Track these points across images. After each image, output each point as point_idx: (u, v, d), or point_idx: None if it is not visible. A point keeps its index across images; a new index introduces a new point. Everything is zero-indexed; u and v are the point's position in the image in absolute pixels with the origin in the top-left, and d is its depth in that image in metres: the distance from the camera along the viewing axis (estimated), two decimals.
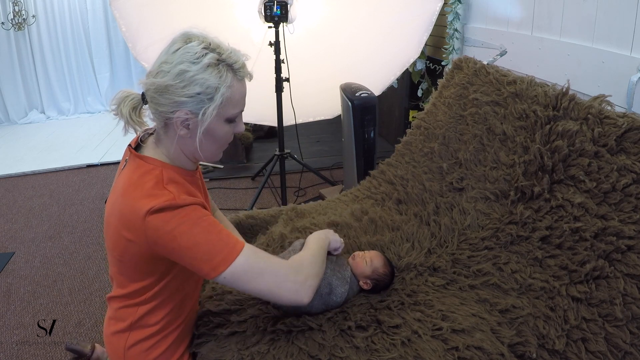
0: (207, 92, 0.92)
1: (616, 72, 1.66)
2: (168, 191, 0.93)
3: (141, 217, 0.89)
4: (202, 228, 0.91)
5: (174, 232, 0.89)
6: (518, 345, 1.09)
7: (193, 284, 1.13)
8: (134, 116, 0.98)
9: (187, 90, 0.91)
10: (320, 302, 1.14)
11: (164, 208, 0.89)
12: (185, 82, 0.91)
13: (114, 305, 1.10)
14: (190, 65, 0.91)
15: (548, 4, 2.02)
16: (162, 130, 1.00)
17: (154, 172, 0.97)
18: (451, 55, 2.79)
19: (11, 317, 2.11)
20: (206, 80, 0.91)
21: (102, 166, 3.97)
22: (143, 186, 0.94)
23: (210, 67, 0.92)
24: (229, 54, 0.95)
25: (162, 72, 0.93)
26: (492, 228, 1.39)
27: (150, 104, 0.97)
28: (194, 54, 0.92)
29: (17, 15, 5.09)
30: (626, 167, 1.19)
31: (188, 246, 0.90)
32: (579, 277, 1.17)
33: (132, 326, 1.06)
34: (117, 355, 1.10)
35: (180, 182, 1.00)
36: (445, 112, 1.79)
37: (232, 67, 0.95)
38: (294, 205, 1.76)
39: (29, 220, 3.05)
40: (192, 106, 0.93)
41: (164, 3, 2.63)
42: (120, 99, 0.98)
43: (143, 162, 0.99)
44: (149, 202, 0.90)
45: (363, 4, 2.87)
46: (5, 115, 5.38)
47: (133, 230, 0.92)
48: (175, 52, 0.93)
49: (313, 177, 3.43)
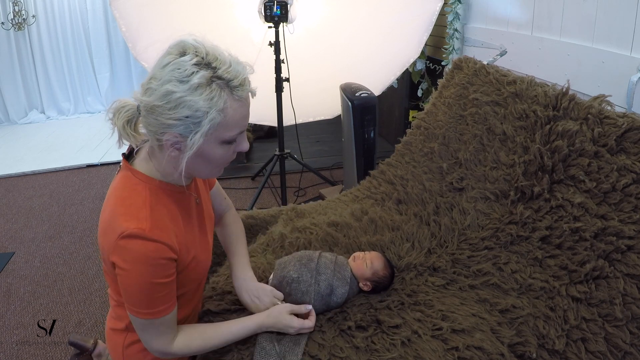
0: (196, 116, 0.83)
1: (616, 72, 1.66)
2: (144, 217, 0.89)
3: (115, 236, 0.88)
4: (144, 285, 0.90)
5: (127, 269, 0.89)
6: (518, 345, 1.09)
7: (192, 290, 1.11)
8: (128, 129, 0.90)
9: (173, 114, 0.83)
10: (322, 303, 1.14)
11: (133, 235, 0.87)
12: (172, 103, 0.83)
13: (112, 301, 1.12)
14: (178, 85, 0.82)
15: (548, 4, 2.02)
16: (155, 146, 0.93)
17: (140, 187, 0.93)
18: (451, 55, 2.79)
19: (11, 317, 2.11)
20: (195, 102, 0.82)
21: (102, 166, 3.97)
22: (126, 201, 0.92)
23: (200, 87, 0.82)
24: (226, 69, 0.84)
25: (150, 90, 0.85)
26: (492, 228, 1.39)
27: (142, 120, 0.90)
28: (183, 71, 0.82)
29: (17, 15, 5.09)
30: (626, 167, 1.19)
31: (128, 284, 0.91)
32: (578, 277, 1.17)
33: (128, 327, 1.07)
34: (116, 351, 1.12)
35: (165, 203, 0.96)
36: (445, 112, 1.79)
37: (229, 84, 0.85)
38: (294, 205, 1.76)
39: (29, 220, 3.05)
40: (181, 129, 0.85)
41: (164, 3, 2.63)
42: (116, 109, 0.90)
43: (132, 176, 0.95)
44: (125, 224, 0.87)
45: (363, 4, 2.87)
46: (5, 115, 5.38)
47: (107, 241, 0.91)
48: (165, 66, 0.84)
49: (313, 177, 3.43)
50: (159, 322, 0.95)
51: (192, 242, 1.03)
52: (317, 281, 1.15)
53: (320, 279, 1.15)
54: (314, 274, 1.16)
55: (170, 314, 0.97)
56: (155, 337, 0.97)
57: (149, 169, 0.96)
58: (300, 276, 1.16)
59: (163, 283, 0.92)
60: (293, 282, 1.15)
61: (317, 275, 1.16)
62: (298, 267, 1.18)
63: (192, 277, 1.05)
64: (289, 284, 1.15)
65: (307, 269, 1.17)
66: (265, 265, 1.34)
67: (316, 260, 1.20)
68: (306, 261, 1.20)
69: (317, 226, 1.53)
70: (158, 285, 0.91)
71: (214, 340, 1.03)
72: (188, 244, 1.00)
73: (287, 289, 1.15)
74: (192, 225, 1.05)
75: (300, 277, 1.15)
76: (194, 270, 1.04)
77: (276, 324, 1.06)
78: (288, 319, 1.06)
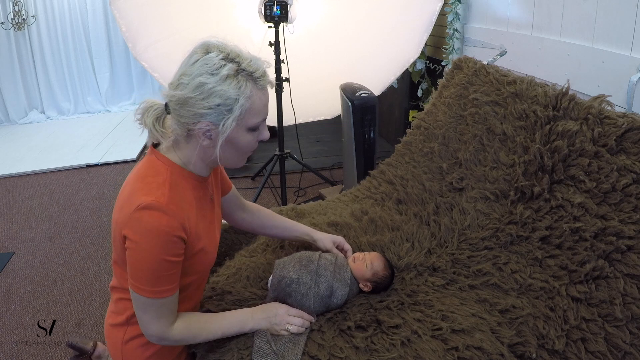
0: (227, 104, 0.93)
1: (616, 72, 1.66)
2: (162, 193, 0.95)
3: (132, 209, 0.93)
4: (153, 260, 0.94)
5: (138, 242, 0.93)
6: (518, 345, 1.09)
7: (194, 286, 1.13)
8: (157, 126, 0.99)
9: (206, 102, 0.92)
10: (321, 305, 1.14)
11: (149, 206, 0.92)
12: (205, 94, 0.92)
13: (114, 297, 1.14)
14: (209, 77, 0.92)
15: (548, 4, 2.02)
16: (182, 138, 1.00)
17: (162, 169, 1.00)
18: (451, 55, 2.79)
19: (11, 317, 2.11)
20: (225, 91, 0.92)
21: (102, 166, 3.97)
22: (147, 179, 0.98)
23: (229, 78, 0.92)
24: (248, 63, 0.95)
25: (181, 85, 0.94)
26: (492, 228, 1.39)
27: (172, 115, 0.98)
28: (212, 65, 0.92)
29: (17, 15, 5.09)
30: (626, 167, 1.19)
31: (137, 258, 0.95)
32: (578, 277, 1.17)
33: (129, 321, 1.09)
34: (115, 348, 1.13)
35: (183, 187, 1.01)
36: (445, 112, 1.79)
37: (252, 75, 0.95)
38: (294, 205, 1.76)
39: (29, 220, 3.05)
40: (213, 117, 0.94)
41: (164, 3, 2.63)
42: (145, 109, 1.00)
43: (155, 159, 1.02)
44: (143, 197, 0.93)
45: (363, 4, 2.87)
46: (5, 115, 5.38)
47: (123, 214, 0.95)
48: (194, 63, 0.93)
49: (313, 177, 3.43)
50: (161, 302, 0.97)
51: (203, 232, 1.06)
52: (317, 283, 1.14)
53: (320, 281, 1.15)
54: (314, 276, 1.15)
55: (173, 296, 0.99)
56: (155, 319, 0.99)
57: (172, 156, 1.03)
58: (299, 277, 1.15)
59: (171, 261, 0.95)
60: (292, 283, 1.15)
61: (317, 277, 1.15)
62: (298, 268, 1.17)
63: (197, 267, 1.07)
64: (289, 285, 1.15)
65: (306, 270, 1.17)
66: (265, 265, 1.34)
67: (316, 262, 1.20)
68: (306, 262, 1.19)
69: (317, 226, 1.53)
70: (166, 262, 0.95)
71: (210, 326, 1.06)
72: (199, 232, 1.03)
73: (287, 290, 1.15)
74: (205, 217, 1.08)
75: (300, 279, 1.15)
76: (200, 261, 1.06)
77: (267, 312, 1.10)
78: (281, 310, 1.10)
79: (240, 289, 1.25)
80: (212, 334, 1.06)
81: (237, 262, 1.39)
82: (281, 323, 1.08)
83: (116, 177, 3.72)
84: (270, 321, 1.09)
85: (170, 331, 1.01)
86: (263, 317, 1.09)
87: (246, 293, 1.23)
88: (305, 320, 1.11)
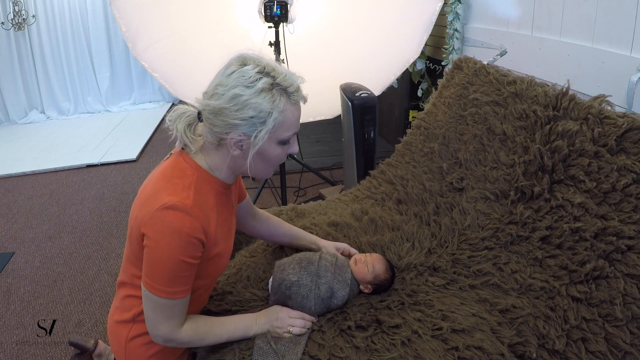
0: (260, 116, 0.94)
1: (616, 72, 1.66)
2: (188, 195, 0.96)
3: (155, 207, 0.94)
4: (171, 261, 0.95)
5: (158, 240, 0.94)
6: (518, 345, 1.09)
7: (203, 289, 1.13)
8: (188, 133, 1.01)
9: (240, 114, 0.94)
10: (322, 306, 1.14)
11: (173, 207, 0.93)
12: (239, 105, 0.94)
13: (121, 293, 1.14)
14: (244, 90, 0.93)
15: (548, 4, 2.02)
16: (213, 146, 1.02)
17: (189, 172, 1.01)
18: (451, 55, 2.79)
19: (11, 317, 2.11)
20: (259, 104, 0.94)
21: (102, 166, 3.97)
22: (173, 180, 0.99)
23: (264, 91, 0.94)
24: (283, 77, 0.97)
25: (216, 95, 0.95)
26: (492, 228, 1.39)
27: (205, 123, 1.00)
28: (248, 77, 0.94)
29: (17, 15, 5.09)
30: (626, 167, 1.19)
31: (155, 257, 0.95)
32: (579, 277, 1.17)
33: (135, 318, 1.10)
34: (118, 345, 1.13)
35: (207, 191, 1.02)
36: (445, 112, 1.79)
37: (287, 90, 0.97)
38: (294, 205, 1.76)
39: (29, 220, 3.05)
40: (246, 129, 0.95)
41: (164, 3, 2.63)
42: (177, 115, 1.02)
43: (183, 161, 1.03)
44: (168, 197, 0.94)
45: (363, 4, 2.87)
46: (5, 115, 5.38)
47: (144, 212, 0.96)
48: (231, 75, 0.95)
49: (313, 177, 3.43)
50: (173, 304, 0.98)
51: (221, 238, 1.07)
52: (317, 285, 1.14)
53: (320, 282, 1.15)
54: (314, 278, 1.15)
55: (185, 298, 1.00)
56: (165, 320, 0.99)
57: (200, 160, 1.04)
58: (299, 280, 1.15)
59: (188, 263, 0.96)
60: (293, 285, 1.14)
61: (317, 278, 1.15)
62: (297, 270, 1.17)
63: (210, 271, 1.08)
64: (289, 288, 1.14)
65: (306, 272, 1.16)
66: (265, 265, 1.34)
67: (316, 263, 1.19)
68: (306, 264, 1.19)
69: (317, 226, 1.53)
70: (183, 263, 0.95)
71: (217, 330, 1.07)
72: (218, 238, 1.05)
73: (287, 293, 1.14)
74: (224, 224, 1.09)
75: (300, 281, 1.15)
76: (214, 266, 1.08)
77: (269, 316, 1.11)
78: (282, 314, 1.11)
79: (240, 290, 1.25)
80: (218, 338, 1.07)
81: (237, 262, 1.39)
82: (283, 326, 1.09)
83: (116, 177, 3.73)
84: (272, 325, 1.10)
85: (179, 333, 1.02)
86: (265, 321, 1.11)
87: (247, 294, 1.24)
88: (307, 321, 1.11)
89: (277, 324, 1.09)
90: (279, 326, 1.09)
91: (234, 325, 1.09)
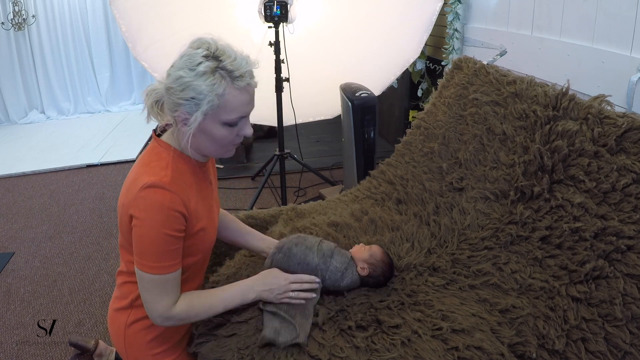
0: (199, 98, 0.99)
1: (616, 72, 1.66)
2: (165, 174, 1.02)
3: (137, 189, 0.99)
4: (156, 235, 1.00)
5: (143, 218, 1.00)
6: (518, 345, 1.09)
7: (197, 267, 1.18)
8: (155, 108, 1.09)
9: (183, 94, 0.99)
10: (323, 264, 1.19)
11: (153, 185, 0.99)
12: (183, 86, 0.99)
13: (119, 280, 1.19)
14: (187, 72, 0.98)
15: (548, 4, 2.02)
16: (173, 123, 1.08)
17: (164, 154, 1.07)
18: (451, 55, 2.79)
19: (11, 317, 2.11)
20: (198, 86, 0.98)
21: (102, 166, 3.97)
22: (151, 164, 1.05)
23: (205, 74, 0.98)
24: (231, 62, 0.99)
25: (168, 75, 1.02)
26: (492, 228, 1.39)
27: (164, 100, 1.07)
28: (193, 60, 0.98)
29: (17, 15, 5.09)
30: (626, 167, 1.19)
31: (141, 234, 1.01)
32: (578, 277, 1.17)
33: (132, 303, 1.14)
34: (118, 333, 1.17)
35: (184, 170, 1.08)
36: (445, 112, 1.79)
37: (231, 74, 1.00)
38: (294, 205, 1.76)
39: (29, 220, 3.05)
40: (188, 108, 1.00)
41: (164, 3, 2.63)
42: (148, 91, 1.10)
43: (157, 145, 1.10)
44: (147, 178, 1.00)
45: (363, 4, 2.87)
46: (5, 115, 5.38)
47: (129, 196, 1.01)
48: (182, 57, 1.01)
49: (313, 177, 3.43)
50: (165, 279, 1.03)
51: (202, 213, 1.11)
52: (320, 243, 1.23)
53: (323, 242, 1.24)
54: (318, 239, 1.25)
55: (176, 273, 1.05)
56: (159, 297, 1.03)
57: (171, 141, 1.10)
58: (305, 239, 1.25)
59: (173, 236, 1.01)
60: (299, 240, 1.23)
61: (321, 241, 1.24)
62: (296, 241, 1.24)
63: (199, 246, 1.12)
64: (295, 244, 1.21)
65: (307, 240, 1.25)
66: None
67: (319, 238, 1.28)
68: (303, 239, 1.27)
69: (317, 226, 1.53)
70: (168, 237, 1.00)
71: (212, 300, 1.10)
72: (198, 212, 1.09)
73: (291, 247, 1.21)
74: (205, 199, 1.14)
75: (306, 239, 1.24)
76: (201, 241, 1.12)
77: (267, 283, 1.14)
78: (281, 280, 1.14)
79: None
80: (214, 309, 1.10)
81: (237, 262, 1.39)
82: (284, 290, 1.13)
83: (116, 177, 3.72)
84: (272, 292, 1.13)
85: (174, 309, 1.05)
86: (264, 288, 1.14)
87: None
88: (306, 282, 1.15)
89: (277, 291, 1.13)
90: (280, 292, 1.13)
91: (228, 294, 1.12)
